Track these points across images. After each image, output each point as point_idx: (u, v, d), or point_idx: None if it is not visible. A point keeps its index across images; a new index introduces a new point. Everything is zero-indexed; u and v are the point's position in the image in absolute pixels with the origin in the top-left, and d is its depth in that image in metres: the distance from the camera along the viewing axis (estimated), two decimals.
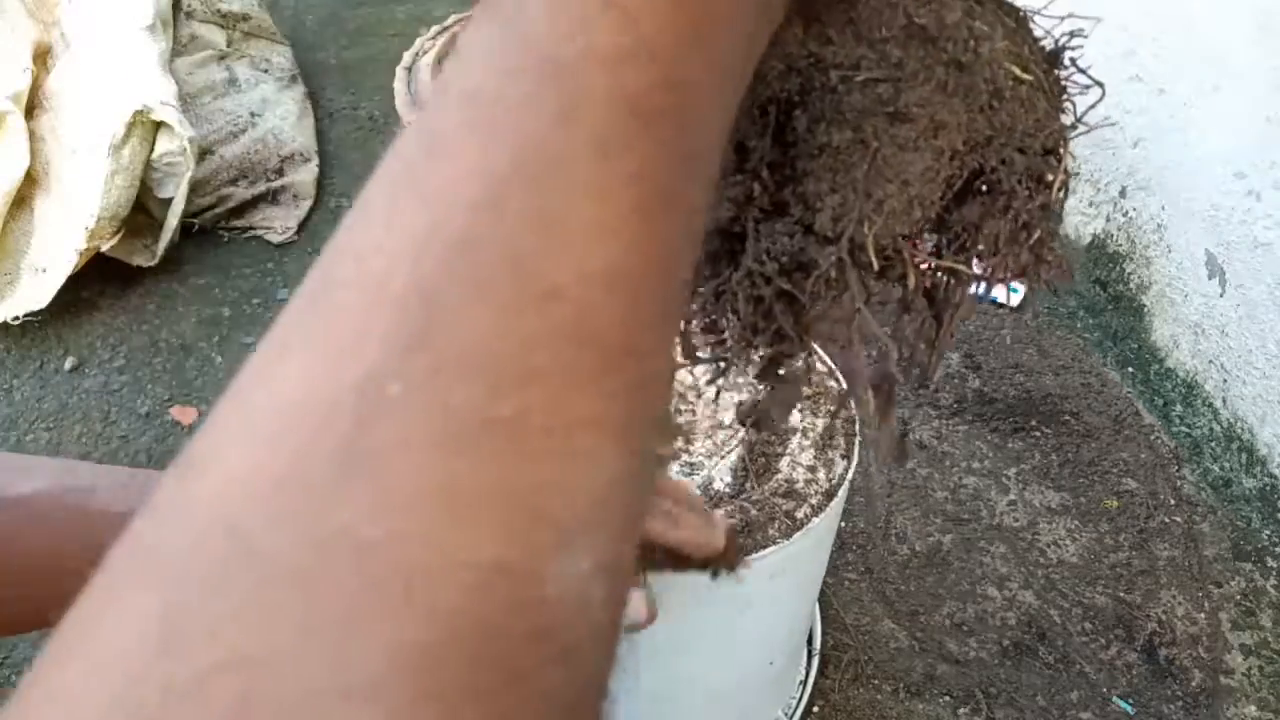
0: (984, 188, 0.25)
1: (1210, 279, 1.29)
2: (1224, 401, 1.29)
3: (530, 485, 0.15)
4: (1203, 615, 1.13)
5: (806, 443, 0.79)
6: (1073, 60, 0.24)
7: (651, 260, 0.17)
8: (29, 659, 1.08)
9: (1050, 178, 0.25)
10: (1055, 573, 1.15)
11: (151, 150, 1.47)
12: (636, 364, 0.17)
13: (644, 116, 0.17)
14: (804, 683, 1.02)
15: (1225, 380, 1.28)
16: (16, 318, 1.42)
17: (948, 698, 1.04)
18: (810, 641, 1.05)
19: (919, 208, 0.24)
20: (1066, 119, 0.25)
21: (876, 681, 1.05)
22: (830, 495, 0.75)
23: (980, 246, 0.26)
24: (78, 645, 0.14)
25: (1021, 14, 0.25)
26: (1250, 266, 1.22)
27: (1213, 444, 1.30)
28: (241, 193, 1.63)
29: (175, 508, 0.15)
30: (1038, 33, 0.26)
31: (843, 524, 1.16)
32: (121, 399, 1.36)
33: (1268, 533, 1.21)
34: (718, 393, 0.83)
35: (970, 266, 0.27)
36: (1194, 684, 1.07)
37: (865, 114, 0.24)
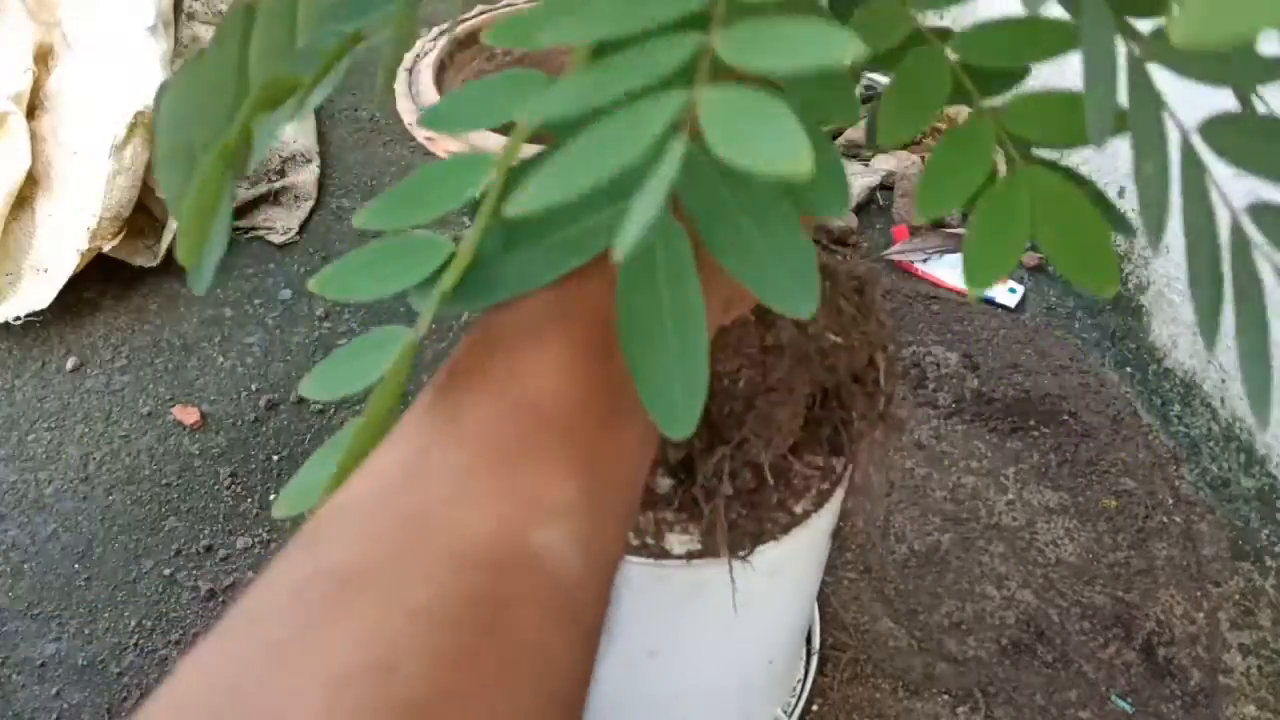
0: (839, 395, 0.42)
1: None
2: (1222, 401, 1.29)
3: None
4: (1201, 615, 1.13)
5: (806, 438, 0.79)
6: (869, 291, 0.41)
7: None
8: (29, 659, 1.08)
9: (876, 375, 0.41)
10: (1054, 572, 1.15)
11: (153, 151, 1.47)
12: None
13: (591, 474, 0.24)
14: (803, 681, 1.02)
15: (1224, 380, 1.28)
16: (18, 318, 1.42)
17: (946, 696, 1.04)
18: (809, 640, 1.06)
19: (791, 434, 0.41)
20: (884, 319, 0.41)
21: (876, 680, 1.05)
22: (829, 491, 0.75)
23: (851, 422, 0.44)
24: None
25: (832, 269, 0.40)
26: None
27: (1211, 444, 1.30)
28: (243, 193, 1.63)
29: None
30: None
31: (841, 523, 1.16)
32: (123, 399, 1.36)
33: (1266, 532, 1.21)
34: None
35: (824, 454, 0.45)
36: (1193, 683, 1.07)
37: (748, 391, 0.38)
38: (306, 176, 1.70)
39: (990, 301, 1.50)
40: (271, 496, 1.24)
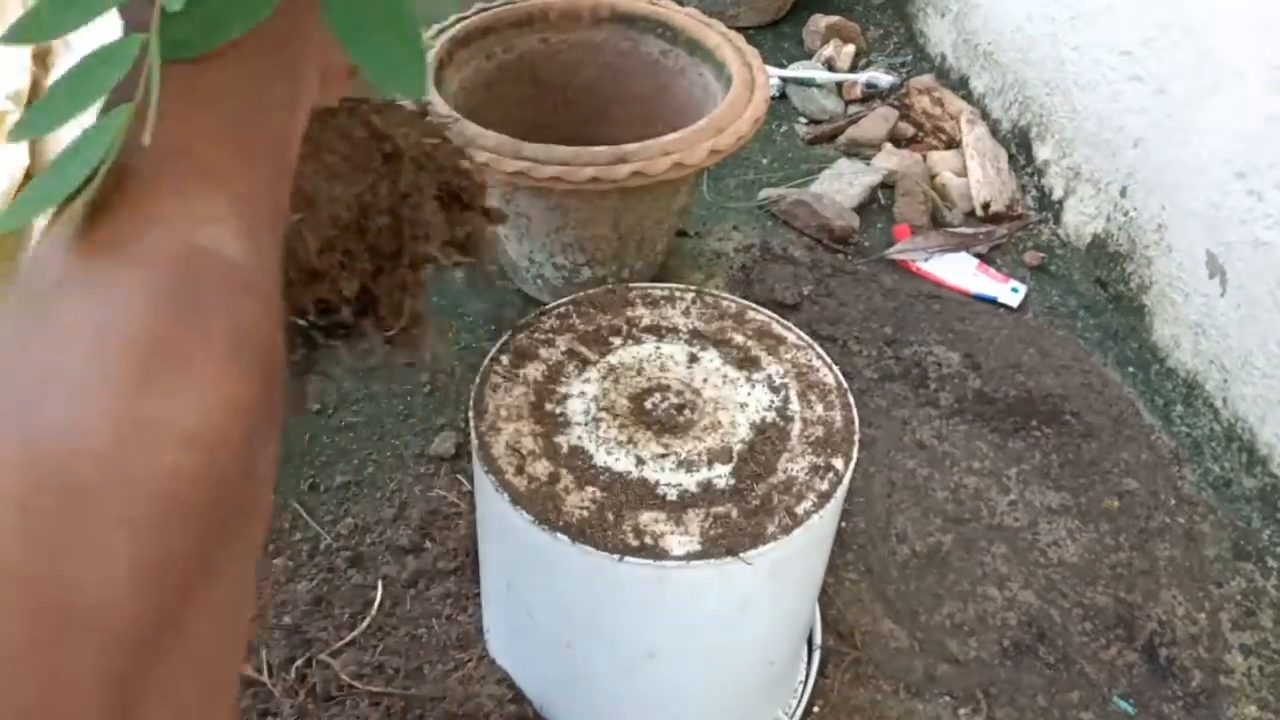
0: (457, 191, 0.42)
1: (1211, 279, 1.29)
2: (1224, 401, 1.29)
3: None
4: (1203, 615, 1.13)
5: (806, 439, 0.79)
6: (431, 113, 0.41)
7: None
8: None
9: (477, 169, 0.42)
10: (1055, 573, 1.15)
11: None
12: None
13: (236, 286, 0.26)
14: (804, 682, 1.02)
15: (1226, 380, 1.28)
16: None
17: (948, 697, 1.04)
18: (810, 641, 1.05)
19: (442, 225, 0.40)
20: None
21: (877, 681, 1.05)
22: (830, 491, 0.75)
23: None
24: None
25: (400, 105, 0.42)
26: (1251, 266, 1.22)
27: (1213, 444, 1.30)
28: None
29: None
30: None
31: (842, 524, 1.16)
32: None
33: (1268, 533, 1.21)
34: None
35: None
36: (1194, 684, 1.07)
37: (389, 202, 0.38)
38: None
39: (992, 301, 1.49)
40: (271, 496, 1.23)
